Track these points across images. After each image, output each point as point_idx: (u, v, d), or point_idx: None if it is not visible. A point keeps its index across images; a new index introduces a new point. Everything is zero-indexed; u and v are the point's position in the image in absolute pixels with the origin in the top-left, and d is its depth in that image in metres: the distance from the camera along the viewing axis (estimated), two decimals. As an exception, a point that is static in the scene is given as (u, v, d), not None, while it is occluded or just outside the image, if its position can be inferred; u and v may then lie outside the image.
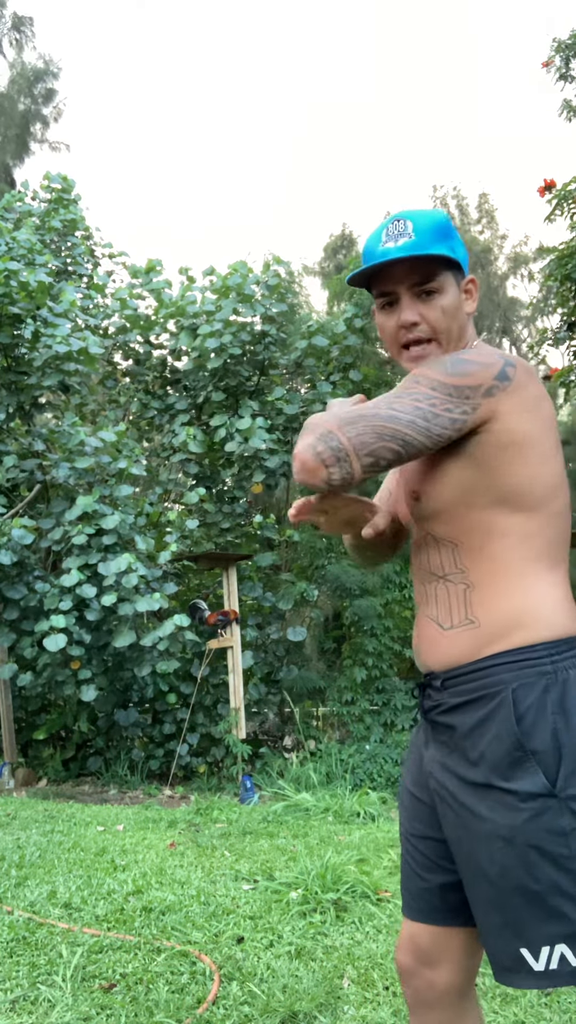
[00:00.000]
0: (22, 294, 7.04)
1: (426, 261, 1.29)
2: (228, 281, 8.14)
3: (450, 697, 1.26)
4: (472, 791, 1.22)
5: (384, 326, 1.35)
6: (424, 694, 1.34)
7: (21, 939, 2.83)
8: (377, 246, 1.31)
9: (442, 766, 1.28)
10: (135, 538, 6.72)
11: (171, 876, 3.65)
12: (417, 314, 1.30)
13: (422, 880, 1.36)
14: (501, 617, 1.22)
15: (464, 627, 1.25)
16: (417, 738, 1.42)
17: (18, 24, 16.62)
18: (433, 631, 1.29)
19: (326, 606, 8.32)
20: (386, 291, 1.32)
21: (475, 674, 1.23)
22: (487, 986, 2.39)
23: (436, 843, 1.35)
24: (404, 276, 1.30)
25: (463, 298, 1.34)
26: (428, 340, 1.31)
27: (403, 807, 1.43)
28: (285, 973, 2.51)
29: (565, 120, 7.37)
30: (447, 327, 1.31)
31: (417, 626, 1.36)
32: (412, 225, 1.29)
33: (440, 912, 1.35)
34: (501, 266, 17.99)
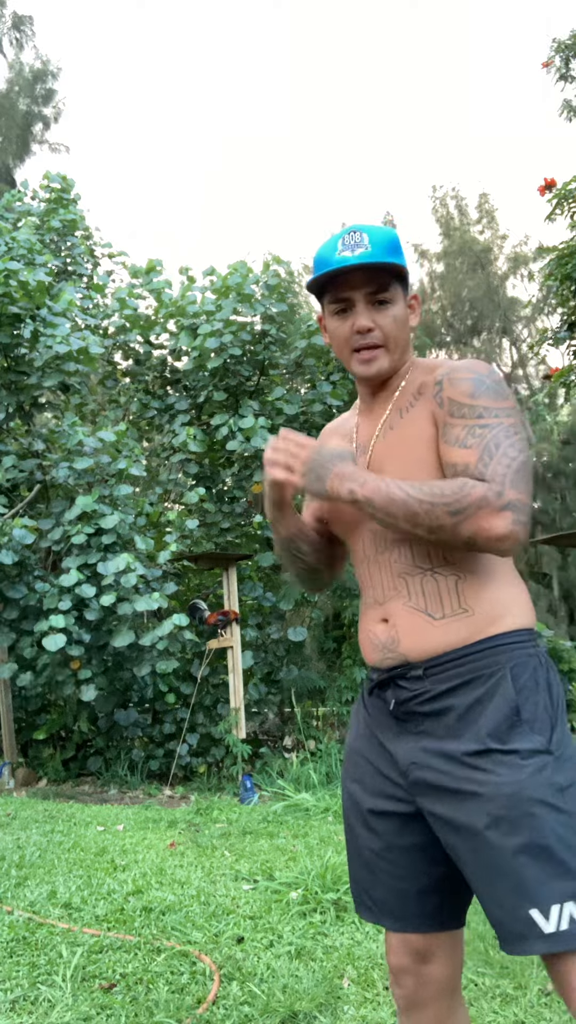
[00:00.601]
0: (21, 294, 7.04)
1: (382, 272, 1.36)
2: (228, 281, 8.14)
3: (436, 684, 1.30)
4: (466, 763, 1.25)
5: (336, 331, 1.41)
6: (393, 687, 1.35)
7: (21, 939, 2.83)
8: (333, 255, 1.36)
9: (428, 752, 1.30)
10: (134, 538, 6.72)
11: (171, 876, 3.65)
12: (371, 321, 1.37)
13: (401, 891, 1.37)
14: (490, 605, 1.31)
15: (458, 616, 1.30)
16: (364, 745, 1.43)
17: (18, 23, 16.63)
18: (420, 621, 1.32)
19: (326, 606, 8.32)
20: (342, 297, 1.38)
21: (470, 657, 1.29)
22: (487, 986, 2.39)
23: (406, 851, 1.36)
24: (361, 284, 1.36)
25: (408, 312, 1.42)
26: (378, 346, 1.39)
27: (360, 822, 1.42)
28: (285, 973, 2.51)
29: (565, 120, 7.37)
30: (396, 336, 1.39)
31: (385, 619, 1.37)
32: (368, 237, 1.35)
33: (422, 918, 1.37)
34: (501, 266, 17.99)
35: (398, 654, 1.34)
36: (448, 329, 17.74)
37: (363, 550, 1.42)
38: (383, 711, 1.39)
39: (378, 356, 1.39)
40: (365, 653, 1.43)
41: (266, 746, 7.72)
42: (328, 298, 1.41)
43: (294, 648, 7.95)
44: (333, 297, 1.39)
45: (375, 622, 1.39)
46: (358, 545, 1.43)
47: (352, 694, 7.53)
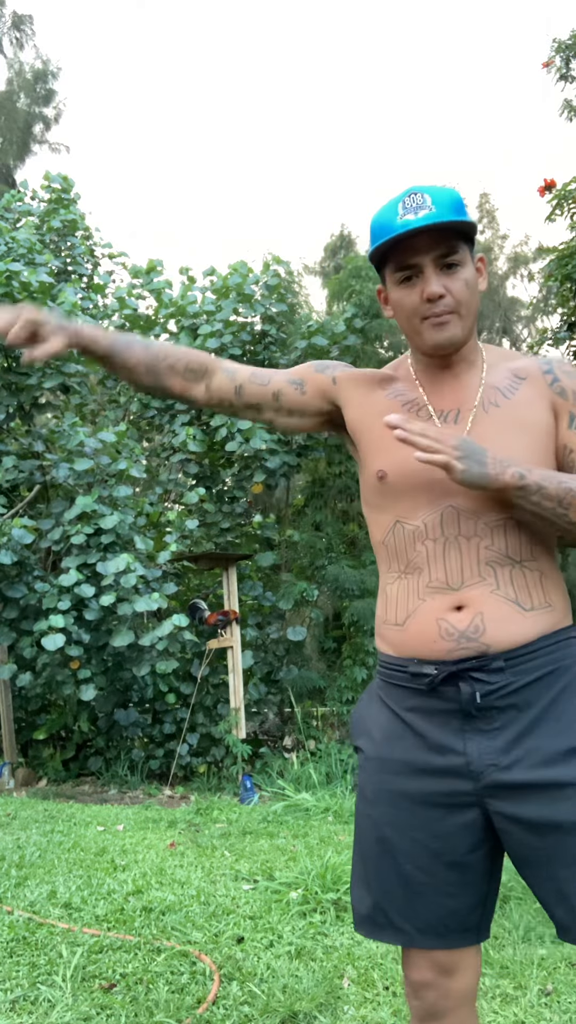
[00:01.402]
0: (23, 295, 7.04)
1: (450, 233, 1.27)
2: (228, 281, 8.14)
3: (518, 675, 1.25)
4: (565, 759, 1.22)
5: (402, 302, 1.32)
6: (468, 680, 1.25)
7: (21, 939, 2.83)
8: (394, 219, 1.27)
9: (512, 751, 1.24)
10: (134, 538, 6.72)
11: (171, 876, 3.65)
12: (442, 287, 1.28)
13: (451, 909, 1.30)
14: (564, 601, 1.33)
15: (543, 610, 1.29)
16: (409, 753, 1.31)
17: (18, 23, 16.63)
18: (509, 611, 1.26)
19: (326, 606, 8.32)
20: (408, 264, 1.29)
21: (547, 648, 1.27)
22: (487, 986, 2.39)
23: (481, 861, 1.30)
24: (428, 248, 1.27)
25: (477, 275, 1.34)
26: (451, 312, 1.30)
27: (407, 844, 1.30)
28: (285, 973, 2.51)
29: (565, 120, 7.37)
30: (469, 300, 1.31)
31: (460, 607, 1.27)
32: (431, 198, 1.26)
33: (464, 933, 1.31)
34: (501, 266, 17.99)
35: (479, 644, 1.25)
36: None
37: (439, 527, 1.29)
38: (442, 709, 1.28)
39: (451, 321, 1.30)
40: (420, 643, 1.29)
41: (266, 746, 7.72)
42: (392, 267, 1.31)
43: (294, 648, 7.95)
44: (398, 264, 1.29)
45: (446, 609, 1.28)
46: (429, 519, 1.30)
47: (352, 694, 7.52)
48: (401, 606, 1.33)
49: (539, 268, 15.94)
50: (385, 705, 1.36)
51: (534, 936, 2.76)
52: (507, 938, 2.75)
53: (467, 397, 1.36)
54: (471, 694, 1.25)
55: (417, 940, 1.30)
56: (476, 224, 1.30)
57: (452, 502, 1.29)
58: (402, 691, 1.33)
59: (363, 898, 1.34)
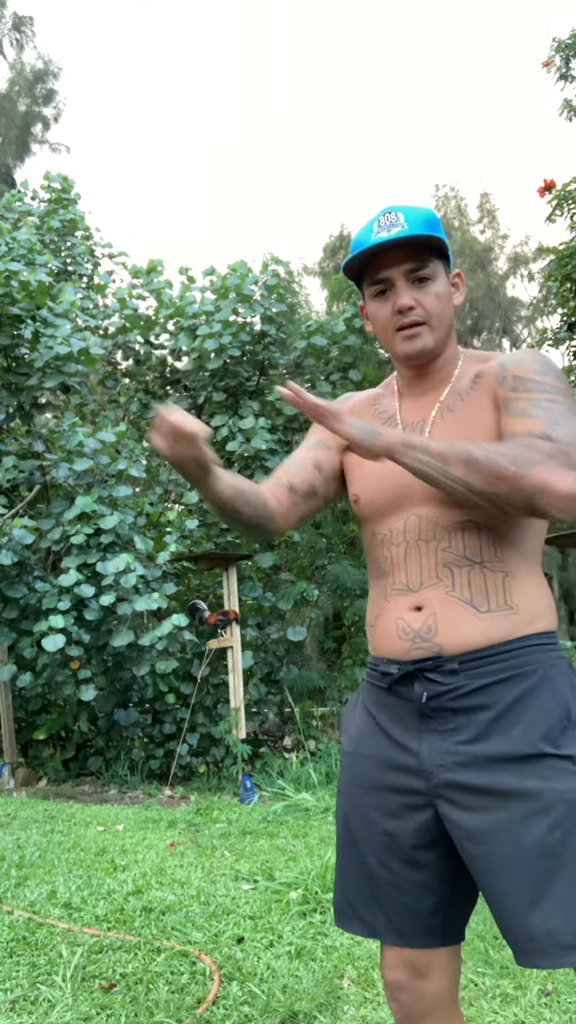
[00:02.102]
0: (23, 294, 7.04)
1: (420, 248, 1.32)
2: (227, 281, 8.14)
3: (470, 679, 1.24)
4: (511, 768, 1.20)
5: (377, 315, 1.37)
6: (422, 680, 1.28)
7: (21, 939, 2.83)
8: (369, 236, 1.32)
9: (460, 753, 1.24)
10: (134, 538, 6.72)
11: (171, 876, 3.65)
12: (412, 299, 1.32)
13: (409, 907, 1.31)
14: (533, 605, 1.29)
15: (503, 612, 1.27)
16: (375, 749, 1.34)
17: (18, 24, 16.64)
18: (462, 612, 1.27)
19: (326, 606, 8.32)
20: (381, 278, 1.34)
21: (508, 654, 1.25)
22: (487, 986, 2.39)
23: (436, 861, 1.30)
24: (399, 262, 1.32)
25: (451, 290, 1.37)
26: (421, 323, 1.34)
27: (368, 838, 1.33)
28: (285, 973, 2.51)
29: (565, 120, 7.37)
30: (439, 313, 1.34)
31: (419, 607, 1.30)
32: (404, 216, 1.31)
33: (427, 935, 1.32)
34: (501, 266, 18.00)
35: (432, 644, 1.27)
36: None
37: (402, 534, 1.34)
38: (403, 707, 1.31)
39: (421, 333, 1.34)
40: (384, 643, 1.33)
41: (266, 746, 7.72)
42: (367, 281, 1.36)
43: (294, 648, 7.95)
44: (371, 279, 1.35)
45: (404, 610, 1.31)
46: (394, 527, 1.35)
47: (352, 694, 7.50)
48: (373, 607, 1.39)
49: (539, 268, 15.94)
50: (363, 703, 1.41)
51: (534, 936, 2.76)
52: (507, 938, 2.75)
53: (429, 407, 1.39)
54: (422, 694, 1.28)
55: (382, 934, 1.33)
56: (445, 241, 1.33)
57: (416, 510, 1.34)
58: (375, 689, 1.38)
59: (336, 888, 1.40)
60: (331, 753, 6.78)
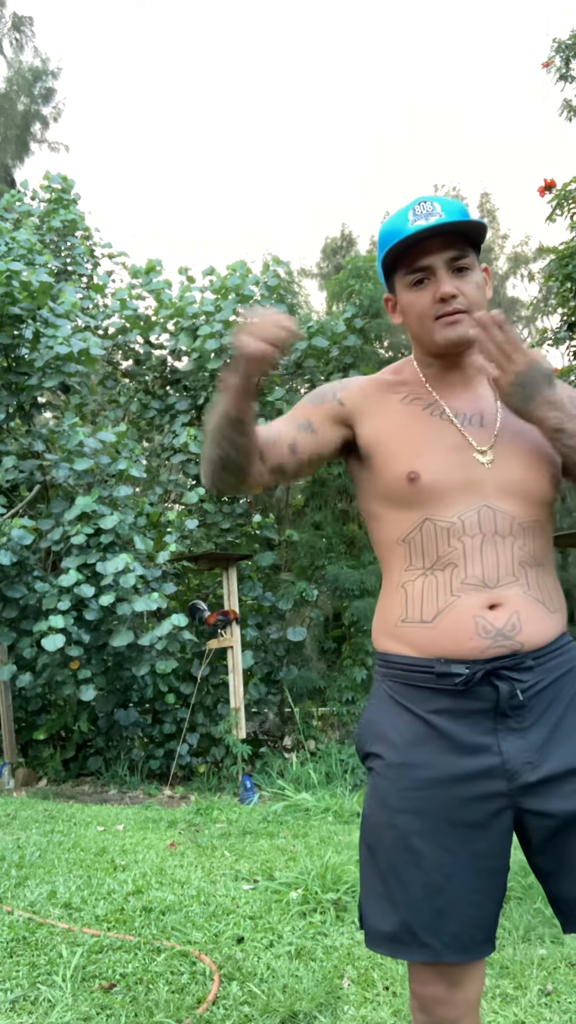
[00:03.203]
0: (24, 294, 7.04)
1: (460, 237, 1.31)
2: (227, 282, 8.14)
3: (545, 674, 1.29)
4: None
5: (415, 304, 1.34)
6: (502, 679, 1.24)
7: (21, 939, 2.83)
8: (405, 225, 1.30)
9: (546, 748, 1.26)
10: (134, 538, 6.72)
11: (171, 876, 3.65)
12: (455, 287, 1.31)
13: (477, 918, 1.26)
14: (564, 605, 1.37)
15: (560, 612, 1.34)
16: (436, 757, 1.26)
17: (18, 24, 16.63)
18: (539, 612, 1.30)
19: (326, 606, 8.32)
20: (421, 266, 1.32)
21: (560, 649, 1.32)
22: (487, 986, 2.39)
23: (498, 866, 1.27)
24: (440, 250, 1.30)
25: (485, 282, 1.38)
26: (465, 311, 1.32)
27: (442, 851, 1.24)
28: (285, 973, 2.51)
29: (565, 120, 7.38)
30: (480, 302, 1.33)
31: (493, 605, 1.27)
32: (440, 206, 1.31)
33: (487, 943, 1.28)
34: (501, 266, 18.00)
35: (513, 642, 1.25)
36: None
37: (477, 524, 1.28)
38: (472, 708, 1.25)
39: (463, 320, 1.31)
40: (452, 641, 1.26)
41: (266, 746, 7.72)
42: (403, 270, 1.33)
43: (294, 648, 7.95)
44: (410, 268, 1.32)
45: (482, 607, 1.26)
46: (465, 516, 1.29)
47: (352, 694, 7.52)
48: (429, 603, 1.29)
49: (539, 268, 15.95)
50: (404, 708, 1.30)
51: (534, 936, 2.76)
52: (507, 938, 2.75)
53: (486, 401, 1.37)
54: (510, 692, 1.24)
55: (443, 955, 1.24)
56: (487, 226, 1.33)
57: (487, 502, 1.30)
58: (425, 692, 1.28)
59: (386, 915, 1.26)
60: (331, 753, 6.78)
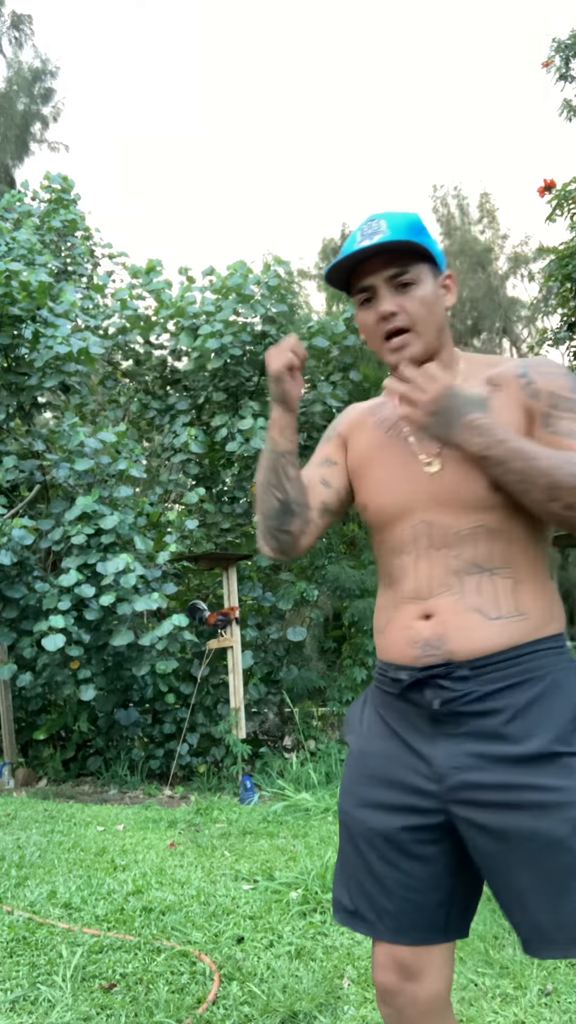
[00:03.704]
0: (23, 295, 7.04)
1: (401, 253, 1.31)
2: (228, 282, 8.14)
3: (483, 684, 1.26)
4: (526, 767, 1.22)
5: (365, 322, 1.36)
6: (434, 687, 1.29)
7: (21, 939, 2.83)
8: (352, 246, 1.32)
9: (475, 756, 1.25)
10: (134, 538, 6.72)
11: (171, 876, 3.65)
12: (396, 304, 1.31)
13: (407, 903, 1.32)
14: (543, 610, 1.30)
15: (514, 618, 1.28)
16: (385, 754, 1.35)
17: (17, 22, 16.62)
18: (473, 620, 1.28)
19: (326, 606, 8.33)
20: (365, 286, 1.33)
21: (520, 659, 1.26)
22: (487, 986, 2.39)
23: (426, 862, 1.31)
24: (380, 268, 1.32)
25: (441, 292, 1.36)
26: (407, 330, 1.33)
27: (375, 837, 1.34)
28: (285, 973, 2.51)
29: (565, 120, 7.37)
30: (425, 317, 1.33)
31: (427, 615, 1.31)
32: (386, 223, 1.31)
33: (428, 930, 1.32)
34: (501, 266, 18.00)
35: (443, 652, 1.28)
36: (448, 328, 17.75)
37: (411, 541, 1.34)
38: (414, 712, 1.32)
39: (408, 341, 1.32)
40: (394, 650, 1.35)
41: (266, 746, 7.72)
42: (353, 290, 1.36)
43: (294, 648, 7.95)
44: (355, 287, 1.35)
45: (414, 618, 1.32)
46: (403, 534, 1.35)
47: (352, 694, 7.52)
48: (382, 614, 1.41)
49: (539, 268, 15.94)
50: (373, 705, 1.43)
51: (534, 936, 2.76)
52: (507, 938, 2.75)
53: None
54: (431, 700, 1.29)
55: (382, 932, 1.33)
56: (424, 245, 1.30)
57: (424, 517, 1.34)
58: (383, 694, 1.39)
59: (338, 887, 1.40)
60: (331, 753, 6.78)
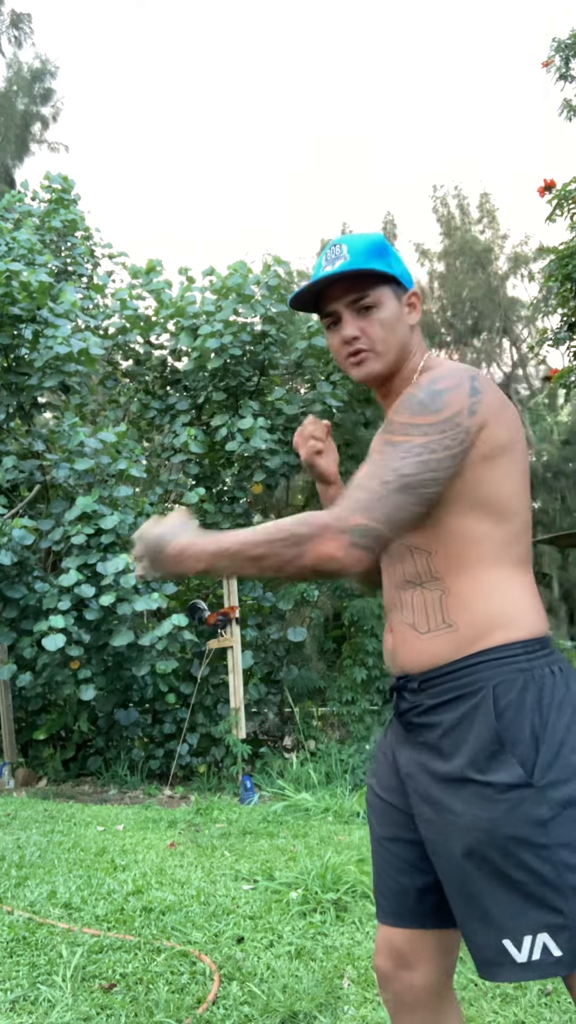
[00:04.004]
0: (23, 295, 7.04)
1: (360, 278, 1.34)
2: (228, 281, 8.14)
3: (428, 698, 1.29)
4: (447, 787, 1.24)
5: (331, 343, 1.41)
6: (399, 696, 1.36)
7: (21, 939, 2.83)
8: (317, 271, 1.37)
9: (419, 766, 1.30)
10: (134, 538, 6.72)
11: (171, 876, 3.65)
12: (357, 328, 1.36)
13: (397, 884, 1.39)
14: (479, 619, 1.25)
15: (442, 631, 1.28)
16: (385, 742, 1.45)
17: (16, 21, 16.61)
18: (409, 635, 1.32)
19: (326, 606, 8.33)
20: (328, 311, 1.38)
21: (455, 674, 1.25)
22: (487, 986, 2.40)
23: (411, 845, 1.36)
24: (342, 294, 1.36)
25: (405, 311, 1.39)
26: (367, 350, 1.37)
27: (373, 811, 1.45)
28: (285, 973, 2.51)
29: (565, 120, 7.37)
30: (385, 338, 1.36)
31: (391, 631, 1.38)
32: (347, 248, 1.35)
33: (416, 915, 1.37)
34: (501, 266, 17.99)
35: (398, 665, 1.36)
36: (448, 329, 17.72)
37: (384, 558, 1.42)
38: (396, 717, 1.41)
39: (367, 359, 1.37)
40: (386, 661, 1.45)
41: (266, 746, 7.73)
42: (321, 314, 1.42)
43: (294, 648, 7.95)
44: (321, 312, 1.41)
45: (387, 632, 1.41)
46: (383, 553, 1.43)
47: (352, 694, 7.53)
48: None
49: (539, 268, 15.93)
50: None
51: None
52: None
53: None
54: (397, 708, 1.37)
55: (380, 915, 1.42)
56: (381, 270, 1.33)
57: None
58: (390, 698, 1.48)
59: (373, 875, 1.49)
60: (331, 753, 6.79)
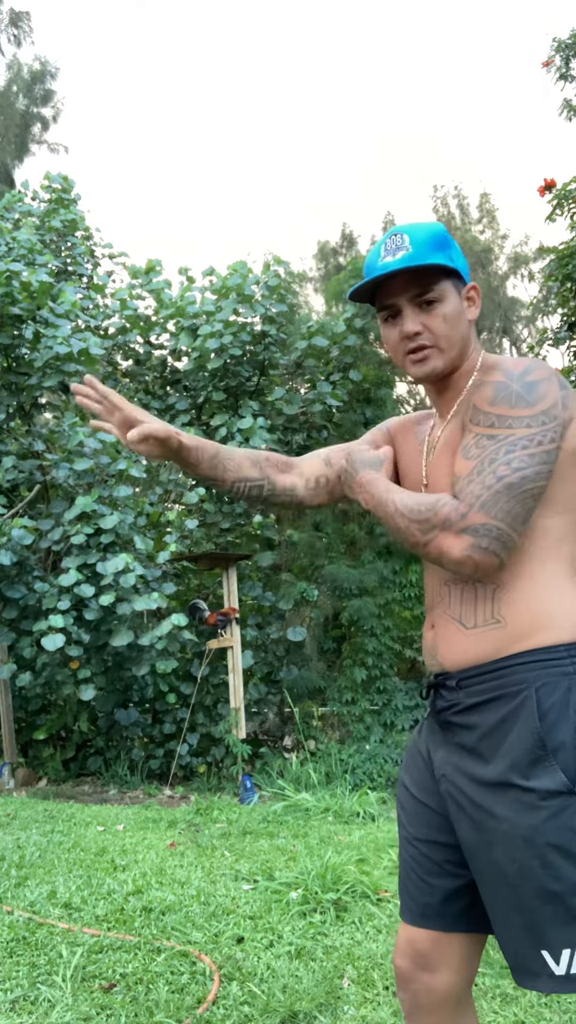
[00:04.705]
0: (24, 295, 7.03)
1: (424, 272, 1.30)
2: (228, 282, 8.14)
3: (467, 697, 1.26)
4: (488, 791, 1.21)
5: (388, 337, 1.37)
6: (436, 694, 1.34)
7: (21, 939, 2.83)
8: (377, 261, 1.33)
9: (456, 768, 1.27)
10: (134, 538, 6.72)
11: (171, 876, 3.65)
12: (419, 324, 1.32)
13: (426, 885, 1.35)
14: (527, 617, 1.23)
15: (489, 627, 1.25)
16: (420, 741, 1.42)
17: (15, 20, 16.62)
18: (453, 629, 1.29)
19: (326, 606, 8.33)
20: (388, 304, 1.34)
21: (496, 672, 1.23)
22: (487, 986, 2.39)
23: (443, 847, 1.33)
24: (404, 288, 1.32)
25: (465, 305, 1.35)
26: (431, 346, 1.33)
27: (404, 811, 1.42)
28: (285, 973, 2.51)
29: (565, 120, 7.37)
30: (448, 334, 1.33)
31: (432, 626, 1.35)
32: (409, 238, 1.30)
33: (443, 918, 1.34)
34: (501, 266, 18.00)
35: (438, 662, 1.33)
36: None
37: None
38: (432, 716, 1.38)
39: (430, 356, 1.33)
40: (424, 657, 1.41)
41: (266, 746, 7.73)
42: (377, 306, 1.37)
43: (294, 648, 7.95)
44: (380, 305, 1.36)
45: (427, 627, 1.38)
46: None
47: (352, 694, 7.53)
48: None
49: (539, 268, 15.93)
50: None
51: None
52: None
53: (450, 426, 1.39)
54: (435, 706, 1.35)
55: (404, 914, 1.39)
56: (449, 264, 1.30)
57: None
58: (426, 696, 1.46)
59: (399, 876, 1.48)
60: (331, 753, 6.79)
